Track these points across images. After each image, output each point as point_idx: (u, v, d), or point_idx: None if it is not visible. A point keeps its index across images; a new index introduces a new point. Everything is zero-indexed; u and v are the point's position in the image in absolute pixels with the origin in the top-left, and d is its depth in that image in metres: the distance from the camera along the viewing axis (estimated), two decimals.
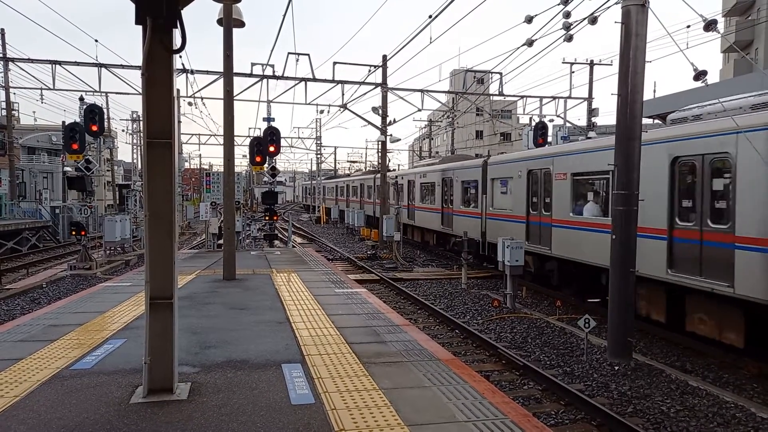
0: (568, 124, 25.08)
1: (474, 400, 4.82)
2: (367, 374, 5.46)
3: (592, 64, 27.00)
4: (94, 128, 17.25)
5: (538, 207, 13.65)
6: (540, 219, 13.50)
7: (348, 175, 45.22)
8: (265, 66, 20.81)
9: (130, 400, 4.69)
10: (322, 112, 57.92)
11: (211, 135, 42.35)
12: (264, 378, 5.29)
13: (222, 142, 12.77)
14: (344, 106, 23.44)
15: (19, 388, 4.96)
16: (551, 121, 24.44)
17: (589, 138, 14.85)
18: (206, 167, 67.80)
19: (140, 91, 5.01)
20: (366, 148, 78.10)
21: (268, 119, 18.68)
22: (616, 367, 7.95)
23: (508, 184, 15.61)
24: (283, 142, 21.28)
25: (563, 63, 26.77)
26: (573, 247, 11.95)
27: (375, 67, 22.69)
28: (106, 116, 25.06)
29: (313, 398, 4.78)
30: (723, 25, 33.11)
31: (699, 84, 7.66)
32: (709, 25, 7.61)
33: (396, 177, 27.86)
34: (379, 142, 24.84)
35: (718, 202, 8.40)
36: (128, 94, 27.69)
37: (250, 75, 20.71)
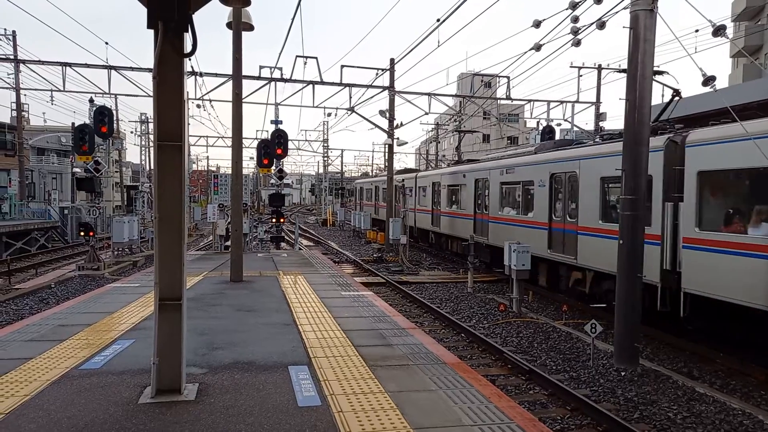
0: (575, 129, 25.03)
1: (480, 404, 4.82)
2: (373, 377, 5.48)
3: (600, 68, 26.93)
4: (104, 130, 17.38)
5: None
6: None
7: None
8: (273, 69, 20.91)
9: (138, 400, 4.73)
10: (329, 115, 58.12)
11: (219, 137, 42.58)
12: (271, 380, 5.32)
13: (230, 144, 12.83)
14: (351, 109, 23.50)
15: (29, 387, 5.02)
16: (559, 125, 24.42)
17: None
18: (214, 169, 68.09)
19: (149, 93, 5.07)
20: (373, 151, 78.24)
21: (276, 122, 18.78)
22: (623, 373, 7.92)
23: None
24: (290, 145, 21.33)
25: (571, 67, 26.72)
26: None
27: (383, 70, 22.74)
28: (115, 118, 25.26)
29: (320, 400, 4.81)
30: (732, 30, 32.97)
31: (708, 89, 7.65)
32: (718, 31, 7.60)
33: (406, 179, 26.05)
34: (386, 146, 24.88)
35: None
36: (137, 96, 27.95)
37: (259, 78, 20.81)
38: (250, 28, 12.41)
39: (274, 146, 17.27)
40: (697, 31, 17.88)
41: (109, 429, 4.16)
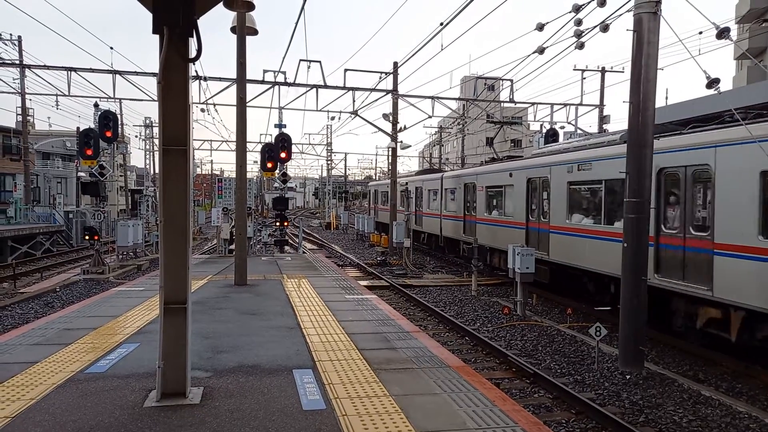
0: (579, 131, 25.00)
1: (484, 408, 4.82)
2: (377, 380, 5.48)
3: (603, 71, 26.93)
4: (109, 134, 17.48)
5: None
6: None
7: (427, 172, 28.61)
8: (277, 73, 20.98)
9: (143, 403, 4.74)
10: (333, 118, 58.21)
11: (223, 141, 42.69)
12: (275, 383, 5.33)
13: (234, 148, 12.87)
14: (355, 113, 23.54)
15: (34, 390, 5.04)
16: (562, 128, 24.42)
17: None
18: (218, 173, 68.25)
19: (154, 97, 5.10)
20: (376, 155, 78.34)
21: (280, 125, 18.85)
22: (628, 376, 7.89)
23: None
24: (294, 149, 21.40)
25: (574, 70, 26.73)
26: None
27: (386, 74, 22.78)
28: (119, 122, 25.37)
29: (324, 404, 4.81)
30: (736, 32, 32.90)
31: (711, 92, 7.64)
32: (722, 33, 7.59)
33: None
34: (390, 149, 24.90)
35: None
36: (142, 100, 28.09)
37: (263, 82, 20.88)
38: (254, 32, 12.47)
39: (278, 150, 17.33)
40: (700, 33, 17.86)
41: None
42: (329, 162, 53.76)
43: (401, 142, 24.54)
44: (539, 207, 14.14)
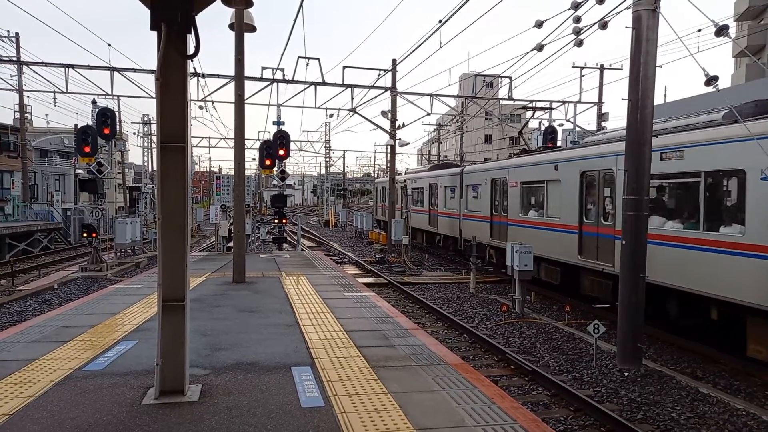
0: (577, 129, 25.01)
1: (483, 405, 4.82)
2: (376, 378, 5.48)
3: (602, 68, 26.92)
4: (107, 131, 17.43)
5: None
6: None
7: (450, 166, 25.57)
8: (275, 70, 20.93)
9: (142, 401, 4.74)
10: (331, 115, 58.21)
11: (221, 138, 42.66)
12: (274, 381, 5.33)
13: (232, 145, 12.85)
14: (354, 110, 23.51)
15: (33, 388, 5.03)
16: (561, 125, 24.41)
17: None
18: (216, 170, 68.20)
19: (152, 94, 5.08)
20: (375, 152, 78.20)
21: (278, 123, 18.81)
22: (626, 373, 7.91)
23: None
24: (292, 146, 21.33)
25: (573, 67, 26.73)
26: None
27: (384, 71, 22.74)
28: (117, 119, 25.34)
29: (323, 401, 4.81)
30: (735, 30, 32.91)
31: (710, 89, 7.63)
32: (721, 31, 7.58)
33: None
34: (388, 146, 24.88)
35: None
36: (140, 97, 28.04)
37: (261, 79, 20.84)
38: (253, 29, 12.43)
39: (277, 147, 17.30)
40: (699, 30, 17.84)
41: (112, 430, 4.16)
42: (328, 159, 53.70)
43: (400, 139, 24.52)
44: (598, 207, 11.47)
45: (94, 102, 20.19)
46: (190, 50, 4.71)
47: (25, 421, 4.32)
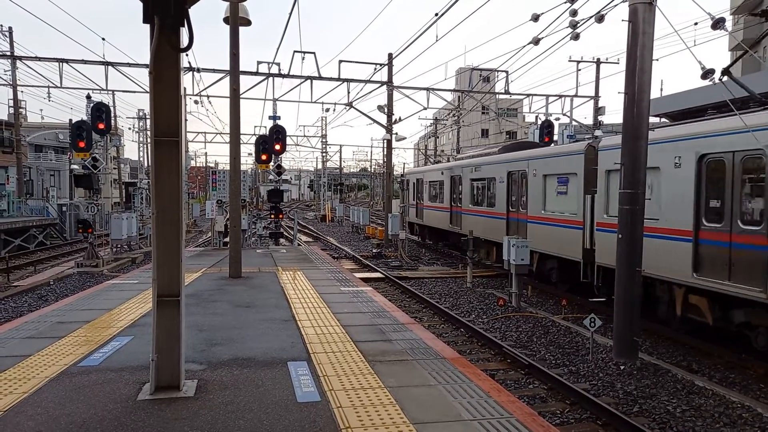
0: (574, 123, 25.01)
1: (479, 399, 4.82)
2: (372, 372, 5.47)
3: (598, 62, 26.90)
4: (101, 126, 17.35)
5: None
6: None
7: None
8: (271, 64, 20.85)
9: (137, 396, 4.72)
10: (327, 110, 58.10)
11: (217, 133, 42.53)
12: (270, 376, 5.32)
13: (228, 140, 12.79)
14: (350, 105, 23.46)
15: (27, 384, 5.01)
16: (557, 119, 24.41)
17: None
18: (212, 165, 68.00)
19: (147, 88, 5.04)
20: (371, 147, 78.18)
21: (274, 117, 18.72)
22: (622, 367, 7.93)
23: None
24: (288, 141, 21.29)
25: (570, 61, 26.69)
26: None
27: (381, 65, 22.68)
28: (112, 114, 25.21)
29: (319, 396, 4.80)
30: (731, 23, 32.89)
31: (707, 82, 7.63)
32: (717, 23, 7.57)
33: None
34: (385, 141, 24.84)
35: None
36: (135, 92, 27.90)
37: (256, 73, 20.75)
38: (248, 23, 12.36)
39: (273, 142, 17.23)
40: (696, 24, 17.88)
41: (107, 426, 4.15)
42: (324, 154, 53.63)
43: (396, 134, 24.52)
44: (732, 204, 8.17)
45: (88, 97, 20.01)
46: (184, 43, 4.66)
47: (19, 417, 4.29)
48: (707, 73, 7.38)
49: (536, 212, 13.92)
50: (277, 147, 17.37)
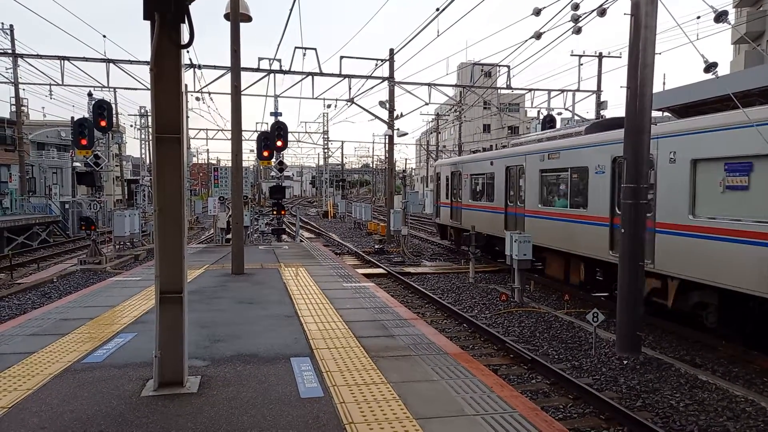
0: (576, 117, 24.94)
1: (482, 394, 4.82)
2: (375, 368, 5.48)
3: (600, 56, 26.80)
4: (103, 124, 17.36)
5: None
6: None
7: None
8: (272, 60, 20.83)
9: (141, 393, 4.74)
10: (329, 106, 57.95)
11: (218, 130, 42.47)
12: (273, 371, 5.32)
13: (229, 137, 12.79)
14: (351, 101, 23.42)
15: (31, 381, 5.02)
16: (559, 114, 24.35)
17: None
18: (214, 162, 68.02)
19: (148, 86, 5.03)
20: (373, 143, 78.04)
21: (276, 114, 18.71)
22: (625, 361, 7.92)
23: None
24: (290, 137, 21.27)
25: (572, 56, 26.60)
26: None
27: (382, 61, 22.63)
28: (114, 112, 25.18)
29: (322, 392, 4.80)
30: (734, 16, 32.73)
31: (709, 76, 7.59)
32: (720, 16, 7.53)
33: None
34: (387, 137, 24.82)
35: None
36: (136, 89, 27.90)
37: (258, 70, 20.73)
38: (248, 19, 12.33)
39: (274, 138, 17.24)
40: (698, 17, 17.77)
41: (111, 422, 4.16)
42: (326, 150, 53.60)
43: (398, 129, 24.47)
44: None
45: (90, 94, 20.03)
46: (185, 40, 4.66)
47: (24, 413, 4.31)
48: (710, 67, 7.35)
49: (679, 219, 9.05)
50: (279, 143, 17.38)
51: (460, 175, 19.72)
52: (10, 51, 25.82)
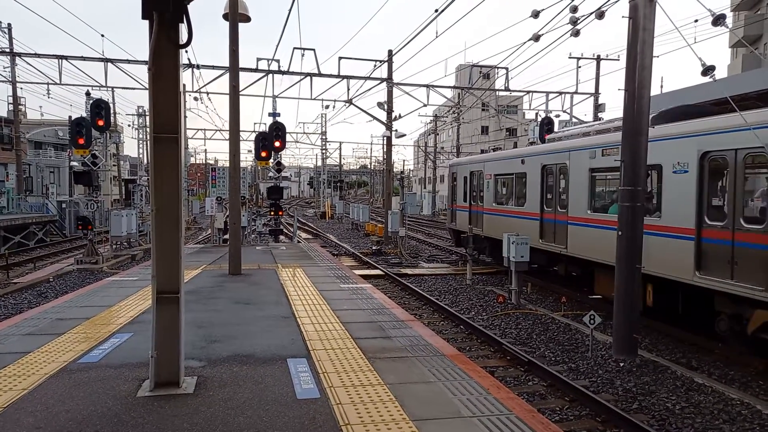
0: (574, 120, 24.98)
1: (479, 396, 4.82)
2: (372, 369, 5.47)
3: (598, 59, 26.85)
4: (101, 123, 17.31)
5: None
6: None
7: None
8: (270, 61, 20.81)
9: (137, 393, 4.72)
10: (327, 107, 57.98)
11: (216, 130, 42.41)
12: (269, 372, 5.31)
13: (227, 137, 12.78)
14: (350, 102, 23.42)
15: (27, 380, 5.00)
16: (557, 116, 24.37)
17: None
18: (212, 162, 67.95)
19: (146, 85, 5.03)
20: (371, 144, 78.11)
21: (274, 114, 18.69)
22: (622, 364, 7.93)
23: None
24: (288, 138, 21.26)
25: (570, 58, 26.64)
26: None
27: (380, 62, 22.64)
28: (112, 111, 25.18)
29: (319, 393, 4.80)
30: (731, 20, 32.84)
31: (707, 79, 7.61)
32: (718, 20, 7.55)
33: None
34: (385, 138, 24.82)
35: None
36: (134, 89, 27.87)
37: (256, 70, 20.72)
38: (247, 19, 12.33)
39: (272, 139, 17.21)
40: (696, 21, 17.83)
41: (107, 422, 4.15)
42: (324, 151, 53.59)
43: (396, 130, 24.47)
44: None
45: (88, 93, 20.01)
46: (183, 39, 4.65)
47: (19, 413, 4.29)
48: (707, 70, 7.37)
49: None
50: (277, 144, 17.35)
51: (481, 175, 17.43)
52: (8, 50, 25.77)
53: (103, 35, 21.27)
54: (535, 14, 11.09)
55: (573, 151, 12.32)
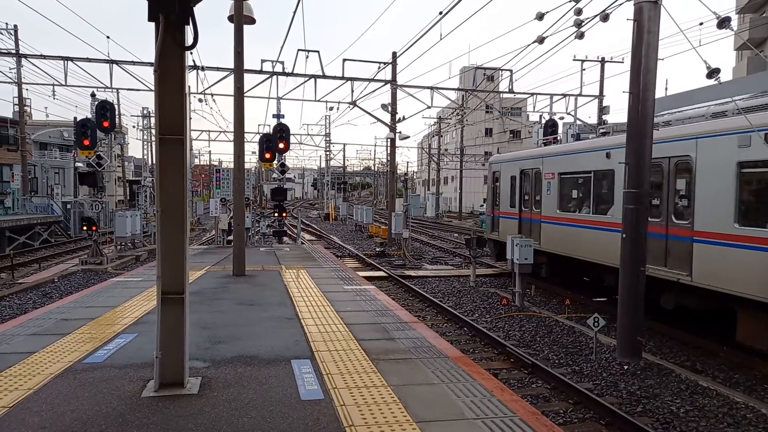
0: (578, 122, 24.94)
1: (483, 398, 4.82)
2: (375, 371, 5.48)
3: (603, 61, 26.82)
4: (106, 124, 17.41)
5: None
6: None
7: None
8: (275, 63, 20.86)
9: (141, 393, 4.74)
10: (331, 109, 58.11)
11: (221, 131, 42.57)
12: (273, 373, 5.32)
13: (232, 138, 12.82)
14: (354, 103, 23.45)
15: (32, 380, 5.03)
16: (561, 118, 24.35)
17: None
18: (216, 163, 68.10)
19: (152, 87, 5.05)
20: (375, 145, 78.14)
21: (278, 116, 18.74)
22: (626, 367, 7.91)
23: None
24: (292, 139, 21.28)
25: (574, 60, 26.60)
26: None
27: (385, 64, 22.67)
28: (117, 112, 25.25)
29: (323, 394, 4.80)
30: (737, 23, 32.73)
31: (712, 82, 7.59)
32: (723, 23, 7.54)
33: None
34: (388, 140, 24.84)
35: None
36: (139, 90, 27.98)
37: (260, 72, 20.77)
38: (252, 21, 12.37)
39: (277, 140, 17.27)
40: (701, 24, 17.78)
41: (112, 422, 4.16)
42: (328, 153, 53.60)
43: (400, 132, 24.51)
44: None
45: (93, 95, 20.09)
46: (189, 41, 4.67)
47: (24, 413, 4.31)
48: (712, 73, 7.35)
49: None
50: (281, 145, 17.41)
51: (538, 174, 14.23)
52: (14, 51, 25.88)
53: (108, 37, 21.31)
54: (540, 16, 11.08)
55: (702, 139, 8.74)
